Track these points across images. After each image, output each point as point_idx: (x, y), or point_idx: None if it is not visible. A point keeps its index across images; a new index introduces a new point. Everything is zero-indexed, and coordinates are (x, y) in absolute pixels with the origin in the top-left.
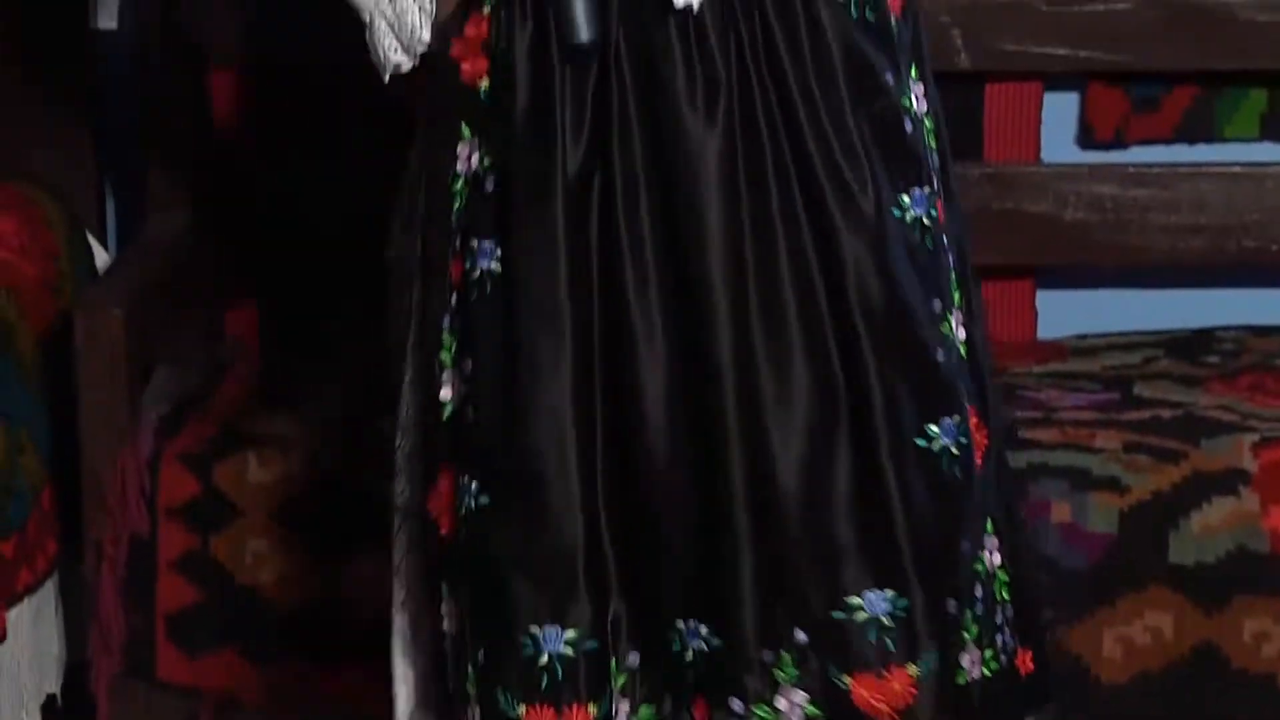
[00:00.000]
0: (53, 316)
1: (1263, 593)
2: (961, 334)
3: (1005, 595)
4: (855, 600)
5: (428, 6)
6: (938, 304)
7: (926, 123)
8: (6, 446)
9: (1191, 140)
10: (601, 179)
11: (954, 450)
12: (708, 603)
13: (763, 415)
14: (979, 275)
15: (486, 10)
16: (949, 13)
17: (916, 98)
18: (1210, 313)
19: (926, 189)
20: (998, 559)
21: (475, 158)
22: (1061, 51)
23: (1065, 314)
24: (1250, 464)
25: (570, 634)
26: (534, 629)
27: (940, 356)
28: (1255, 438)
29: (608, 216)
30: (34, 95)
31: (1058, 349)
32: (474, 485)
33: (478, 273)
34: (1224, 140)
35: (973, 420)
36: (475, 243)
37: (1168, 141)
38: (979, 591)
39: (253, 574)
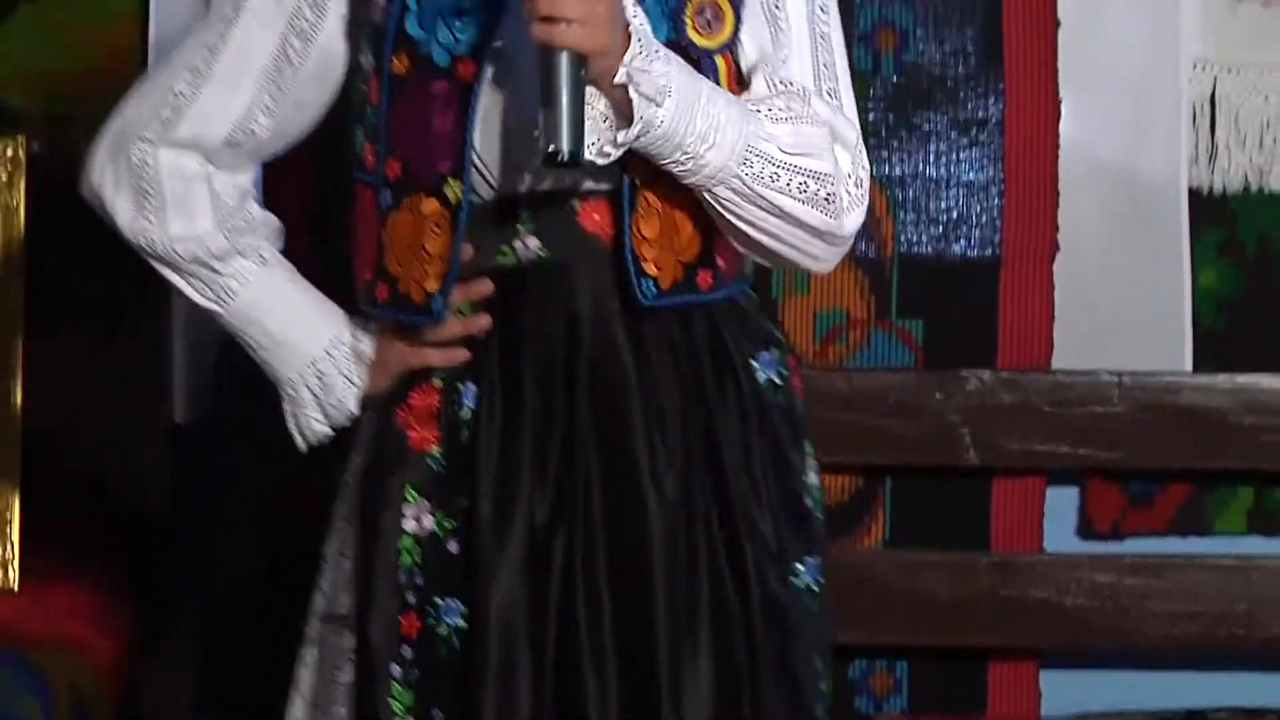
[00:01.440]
0: (125, 685)
1: None
2: (825, 688)
3: None
4: None
5: (355, 381)
6: (819, 663)
7: (815, 494)
8: None
9: (1184, 533)
10: (565, 539)
11: None
12: None
13: None
14: (985, 655)
15: (437, 382)
16: (959, 413)
17: (811, 471)
18: (1203, 694)
19: (818, 558)
20: None
21: (429, 520)
22: (1063, 450)
23: (1066, 693)
24: None
25: None
26: None
27: (820, 714)
28: None
29: (568, 572)
30: (112, 478)
31: None
32: None
33: (444, 628)
34: (1214, 534)
35: None
36: (439, 600)
37: (1162, 534)
38: None
39: None
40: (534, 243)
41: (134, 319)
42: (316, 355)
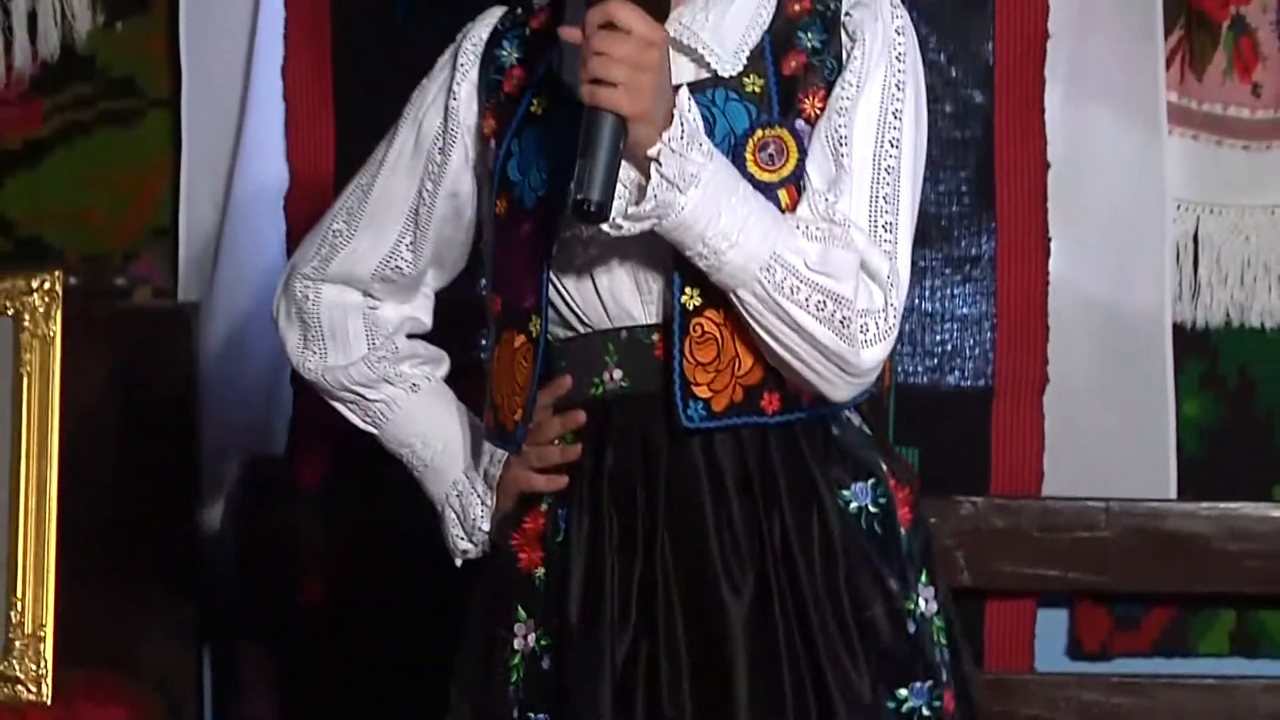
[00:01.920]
0: None
1: None
2: None
3: None
4: None
5: (488, 503)
6: None
7: (936, 621)
8: None
9: (1168, 654)
10: (647, 657)
11: None
12: None
13: None
14: None
15: (543, 507)
16: (953, 536)
17: (925, 600)
18: None
19: (929, 682)
20: None
21: (532, 638)
22: (1053, 573)
23: None
24: None
25: None
26: None
27: None
28: None
29: (653, 689)
30: (141, 593)
31: None
32: None
33: None
34: (1198, 655)
35: None
36: (533, 715)
37: (1147, 655)
38: None
39: None
40: (618, 374)
41: (161, 438)
42: (456, 478)
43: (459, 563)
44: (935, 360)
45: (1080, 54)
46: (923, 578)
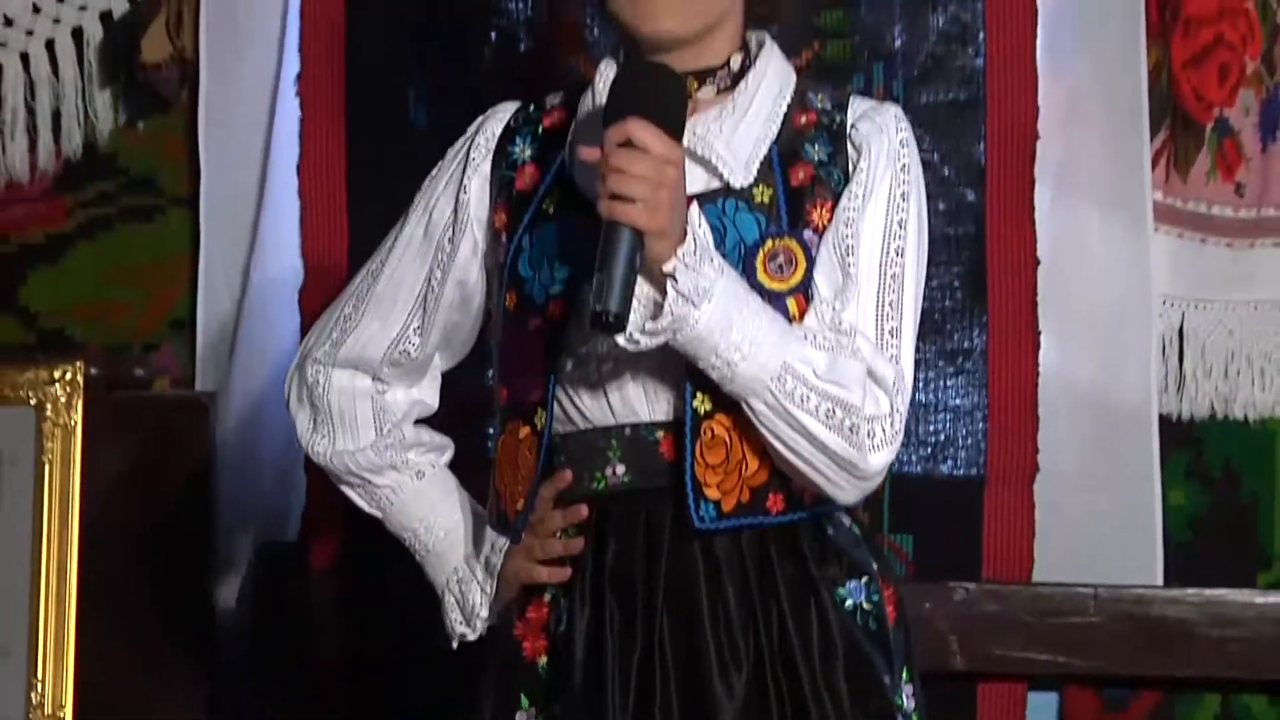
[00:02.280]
0: None
1: None
2: None
3: None
4: None
5: (488, 590)
6: None
7: (914, 718)
8: None
9: None
10: None
11: None
12: None
13: None
14: None
15: (547, 597)
16: (946, 620)
17: (907, 696)
18: None
19: None
20: None
21: None
22: (1043, 657)
23: None
24: None
25: None
26: None
27: None
28: None
29: None
30: (158, 674)
31: None
32: None
33: None
34: None
35: None
36: None
37: None
38: None
39: None
40: (621, 469)
41: (178, 523)
42: (457, 564)
43: (455, 645)
44: (929, 449)
45: (1069, 154)
46: (904, 674)
